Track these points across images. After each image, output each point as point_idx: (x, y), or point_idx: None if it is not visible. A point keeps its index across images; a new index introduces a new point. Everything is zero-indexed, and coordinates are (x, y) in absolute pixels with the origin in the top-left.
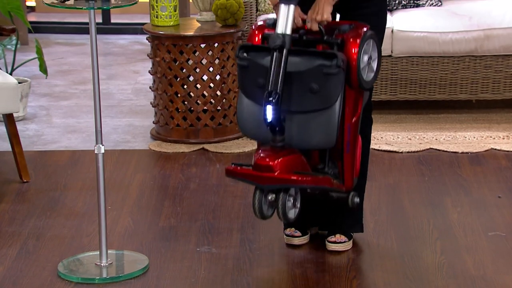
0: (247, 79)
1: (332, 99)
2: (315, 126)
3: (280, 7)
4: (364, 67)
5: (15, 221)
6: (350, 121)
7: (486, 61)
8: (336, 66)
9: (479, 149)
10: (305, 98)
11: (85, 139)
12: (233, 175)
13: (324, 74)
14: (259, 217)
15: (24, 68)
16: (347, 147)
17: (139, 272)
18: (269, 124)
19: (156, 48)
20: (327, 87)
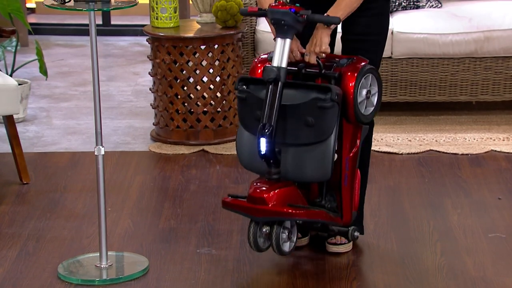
0: (245, 111)
1: (327, 132)
2: (310, 159)
3: (277, 41)
4: (362, 101)
5: (15, 222)
6: (348, 155)
7: (486, 62)
8: (330, 100)
9: (479, 151)
10: (300, 131)
11: (85, 141)
12: (229, 207)
13: (318, 108)
14: (255, 249)
15: (24, 69)
16: (345, 181)
17: (139, 274)
18: (263, 157)
19: (156, 49)
20: (321, 120)
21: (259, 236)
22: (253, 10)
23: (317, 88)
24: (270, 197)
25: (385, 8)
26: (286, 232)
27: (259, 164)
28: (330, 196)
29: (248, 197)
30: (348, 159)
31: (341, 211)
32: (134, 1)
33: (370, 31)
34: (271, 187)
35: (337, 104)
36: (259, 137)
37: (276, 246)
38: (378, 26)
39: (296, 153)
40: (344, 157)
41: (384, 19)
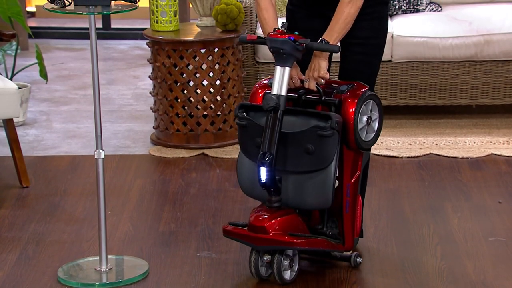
0: (246, 138)
1: (327, 160)
2: (311, 187)
3: (276, 69)
4: (363, 128)
5: (15, 226)
6: (349, 181)
7: (486, 66)
8: (330, 128)
9: (479, 154)
10: (300, 158)
11: (85, 144)
12: (230, 235)
13: (318, 136)
14: (256, 278)
15: (24, 73)
16: (346, 207)
17: (139, 278)
18: (263, 185)
19: (156, 53)
20: (322, 148)
21: (261, 265)
22: (252, 38)
23: (317, 116)
24: (271, 226)
25: (385, 12)
26: (288, 260)
27: (260, 191)
28: (332, 223)
29: (249, 226)
30: (350, 185)
31: (342, 238)
32: (134, 5)
33: (370, 34)
34: (272, 216)
35: (337, 132)
36: (259, 166)
37: (277, 275)
38: (378, 30)
39: (297, 181)
40: (345, 184)
41: (384, 23)
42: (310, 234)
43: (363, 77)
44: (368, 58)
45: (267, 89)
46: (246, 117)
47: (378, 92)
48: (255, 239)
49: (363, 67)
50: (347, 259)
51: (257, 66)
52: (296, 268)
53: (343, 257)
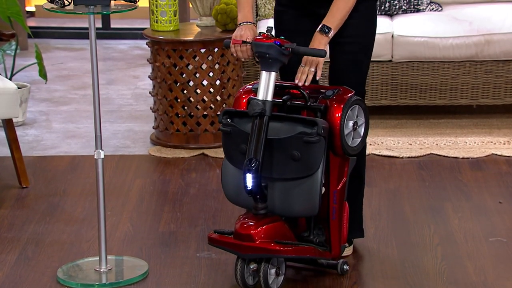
0: (230, 145)
1: (314, 167)
2: (297, 194)
3: (262, 74)
4: (349, 133)
5: (14, 226)
6: (335, 188)
7: (487, 66)
8: (317, 134)
9: (480, 155)
10: (286, 165)
11: (84, 144)
12: (215, 243)
13: (304, 142)
14: (242, 287)
15: (24, 73)
16: (333, 214)
17: (139, 278)
18: (249, 192)
19: (156, 53)
20: (308, 154)
21: (247, 274)
22: (237, 43)
23: (303, 122)
24: (257, 234)
25: (374, 10)
26: (274, 268)
27: (245, 199)
28: (318, 230)
29: (235, 234)
30: (336, 192)
31: (329, 245)
32: (133, 5)
33: (359, 33)
34: (258, 223)
35: (324, 138)
36: (245, 173)
37: (264, 283)
38: (367, 28)
39: (283, 188)
40: (331, 190)
41: (374, 20)
42: (297, 242)
43: (353, 76)
44: (358, 57)
45: (251, 94)
46: (231, 123)
47: (379, 92)
48: (241, 247)
49: (353, 66)
50: (333, 267)
51: (257, 66)
52: (283, 274)
53: (330, 265)
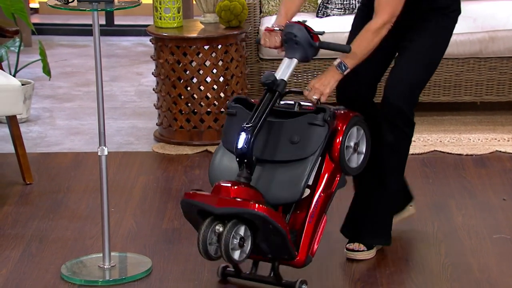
0: (231, 125)
1: (309, 151)
2: (284, 178)
3: (284, 60)
4: (349, 149)
5: (18, 223)
6: (320, 192)
7: (491, 63)
8: (323, 119)
9: (484, 151)
10: (282, 147)
11: (88, 141)
12: (190, 198)
13: (308, 124)
14: (204, 256)
15: (28, 70)
16: (311, 217)
17: (142, 275)
18: (238, 153)
19: (159, 49)
20: (307, 137)
21: (210, 242)
22: (269, 29)
23: (311, 112)
24: (236, 190)
25: (449, 25)
26: (238, 238)
27: None
28: (293, 230)
29: (214, 188)
30: (320, 197)
31: (298, 247)
32: (137, 1)
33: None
34: (239, 184)
35: (328, 126)
36: (240, 132)
37: (224, 249)
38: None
39: (271, 170)
40: (316, 192)
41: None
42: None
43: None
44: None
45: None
46: (238, 106)
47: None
48: (217, 200)
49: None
50: (291, 285)
51: (261, 63)
52: (247, 250)
53: (287, 284)
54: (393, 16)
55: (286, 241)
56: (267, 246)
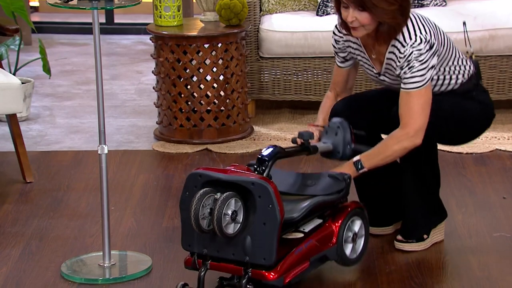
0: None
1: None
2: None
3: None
4: (348, 241)
5: (18, 221)
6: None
7: (491, 61)
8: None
9: (484, 150)
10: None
11: (88, 140)
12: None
13: (328, 176)
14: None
15: (28, 68)
16: (298, 249)
17: (143, 273)
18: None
19: (159, 48)
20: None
21: (202, 216)
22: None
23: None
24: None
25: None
26: (230, 211)
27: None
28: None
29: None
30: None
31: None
32: (137, 0)
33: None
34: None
35: (345, 185)
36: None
37: (217, 224)
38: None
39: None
40: (309, 238)
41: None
42: None
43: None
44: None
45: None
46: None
47: None
48: (227, 170)
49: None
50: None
51: (261, 61)
52: (240, 222)
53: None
54: (421, 130)
55: (275, 231)
56: (250, 241)
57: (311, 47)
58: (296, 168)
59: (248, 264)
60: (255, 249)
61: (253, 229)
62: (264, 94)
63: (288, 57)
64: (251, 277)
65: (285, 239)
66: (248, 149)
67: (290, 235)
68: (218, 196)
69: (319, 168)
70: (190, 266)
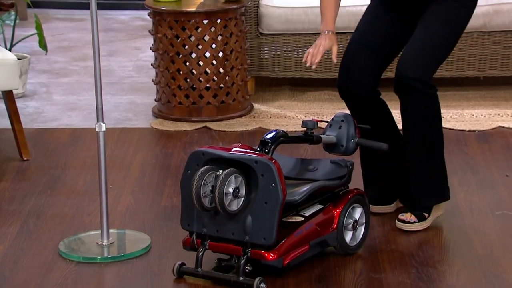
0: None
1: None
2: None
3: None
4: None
5: (16, 199)
6: (313, 223)
7: (495, 36)
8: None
9: (487, 127)
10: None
11: (86, 117)
12: (204, 147)
13: (330, 162)
14: (199, 208)
15: (24, 44)
16: (298, 231)
17: (141, 252)
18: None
19: (157, 24)
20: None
21: (204, 195)
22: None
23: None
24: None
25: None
26: (232, 188)
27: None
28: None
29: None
30: (312, 226)
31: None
32: None
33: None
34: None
35: (347, 171)
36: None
37: (219, 201)
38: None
39: None
40: (310, 221)
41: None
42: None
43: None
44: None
45: None
46: None
47: None
48: (230, 149)
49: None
50: (249, 287)
51: (261, 38)
52: (243, 198)
53: (247, 284)
54: None
55: (277, 211)
56: (251, 220)
57: (312, 23)
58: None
59: (247, 244)
60: (255, 228)
61: (254, 208)
62: (264, 71)
63: (289, 33)
64: (250, 257)
65: (285, 222)
66: (247, 127)
67: (290, 219)
68: (219, 173)
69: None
70: (189, 246)
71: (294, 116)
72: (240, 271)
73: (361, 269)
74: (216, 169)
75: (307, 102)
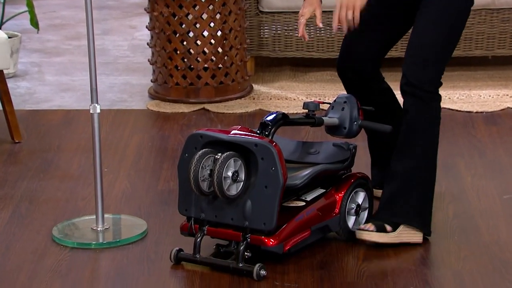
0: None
1: (323, 161)
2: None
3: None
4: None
5: (7, 183)
6: (315, 208)
7: (504, 14)
8: (348, 146)
9: (495, 108)
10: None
11: (79, 98)
12: (202, 129)
13: (332, 145)
14: (198, 193)
15: (14, 21)
16: (299, 216)
17: (137, 237)
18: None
19: (153, 1)
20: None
21: (202, 179)
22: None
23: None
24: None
25: None
26: (231, 172)
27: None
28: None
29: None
30: (313, 211)
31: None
32: None
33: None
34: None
35: (350, 154)
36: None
37: (218, 185)
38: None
39: None
40: (311, 206)
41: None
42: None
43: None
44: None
45: None
46: None
47: None
48: (229, 131)
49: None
50: (249, 273)
51: (261, 16)
52: (242, 183)
53: (246, 270)
54: None
55: (277, 195)
56: (251, 205)
57: None
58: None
59: (247, 229)
60: (255, 213)
61: (254, 192)
62: (264, 51)
63: (289, 11)
64: (249, 243)
65: (286, 207)
66: (247, 109)
67: (291, 203)
68: (218, 156)
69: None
70: (186, 232)
71: (295, 98)
72: (240, 257)
73: (364, 255)
74: (215, 152)
75: (309, 83)
